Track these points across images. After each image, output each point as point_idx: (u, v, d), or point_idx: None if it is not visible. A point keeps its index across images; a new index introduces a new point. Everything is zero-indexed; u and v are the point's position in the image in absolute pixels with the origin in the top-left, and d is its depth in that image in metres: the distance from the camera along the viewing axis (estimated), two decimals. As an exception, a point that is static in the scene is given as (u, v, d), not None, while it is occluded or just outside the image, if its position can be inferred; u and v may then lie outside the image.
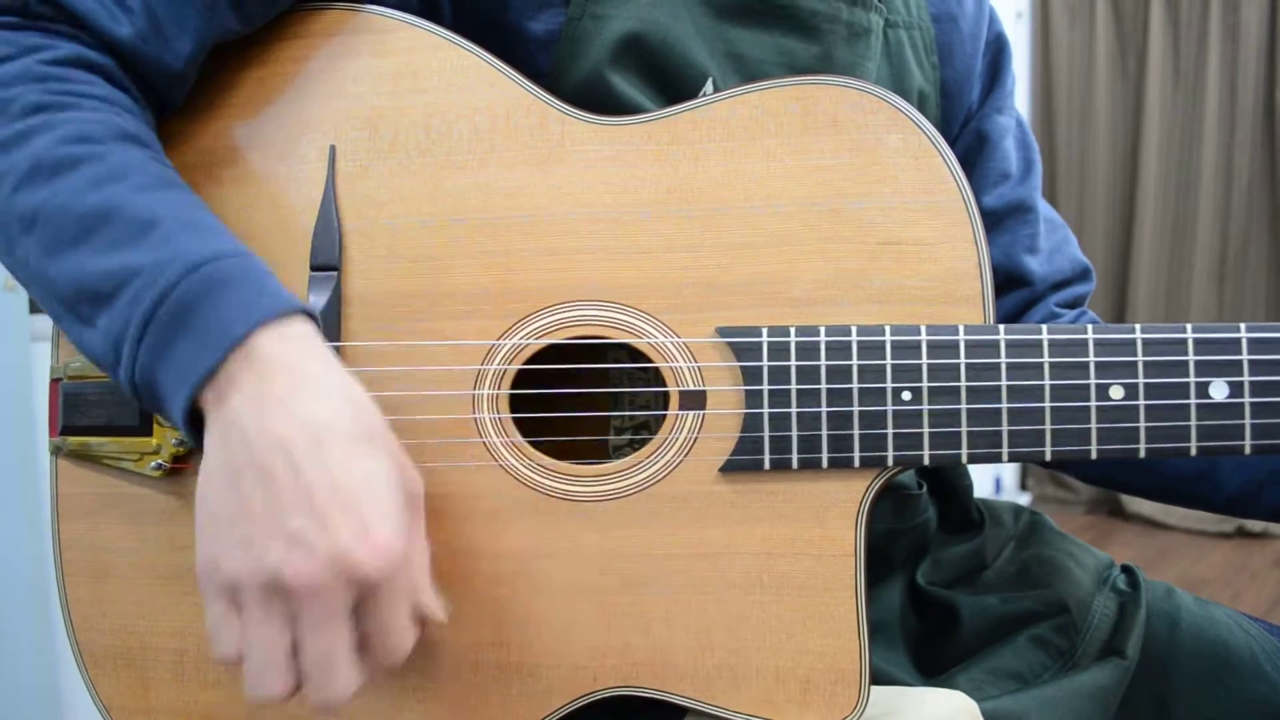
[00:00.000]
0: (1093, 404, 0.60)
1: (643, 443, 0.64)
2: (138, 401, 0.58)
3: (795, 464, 0.62)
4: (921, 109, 0.80)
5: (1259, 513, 0.77)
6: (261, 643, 0.52)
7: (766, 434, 0.62)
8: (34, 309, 1.63)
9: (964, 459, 0.61)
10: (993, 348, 0.61)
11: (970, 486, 0.87)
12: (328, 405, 0.53)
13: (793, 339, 0.62)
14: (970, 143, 0.86)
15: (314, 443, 0.52)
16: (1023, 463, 0.62)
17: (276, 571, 0.51)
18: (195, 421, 0.56)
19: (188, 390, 0.54)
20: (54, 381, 0.69)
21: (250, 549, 0.52)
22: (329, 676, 0.52)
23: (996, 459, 0.61)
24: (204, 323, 0.54)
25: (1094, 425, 0.60)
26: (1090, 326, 0.61)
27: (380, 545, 0.52)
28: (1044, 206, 0.89)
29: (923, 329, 0.61)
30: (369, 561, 0.51)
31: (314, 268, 0.65)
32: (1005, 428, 0.61)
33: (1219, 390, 0.60)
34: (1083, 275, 0.88)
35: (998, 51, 0.88)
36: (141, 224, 0.56)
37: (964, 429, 0.61)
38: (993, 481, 3.88)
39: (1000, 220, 0.86)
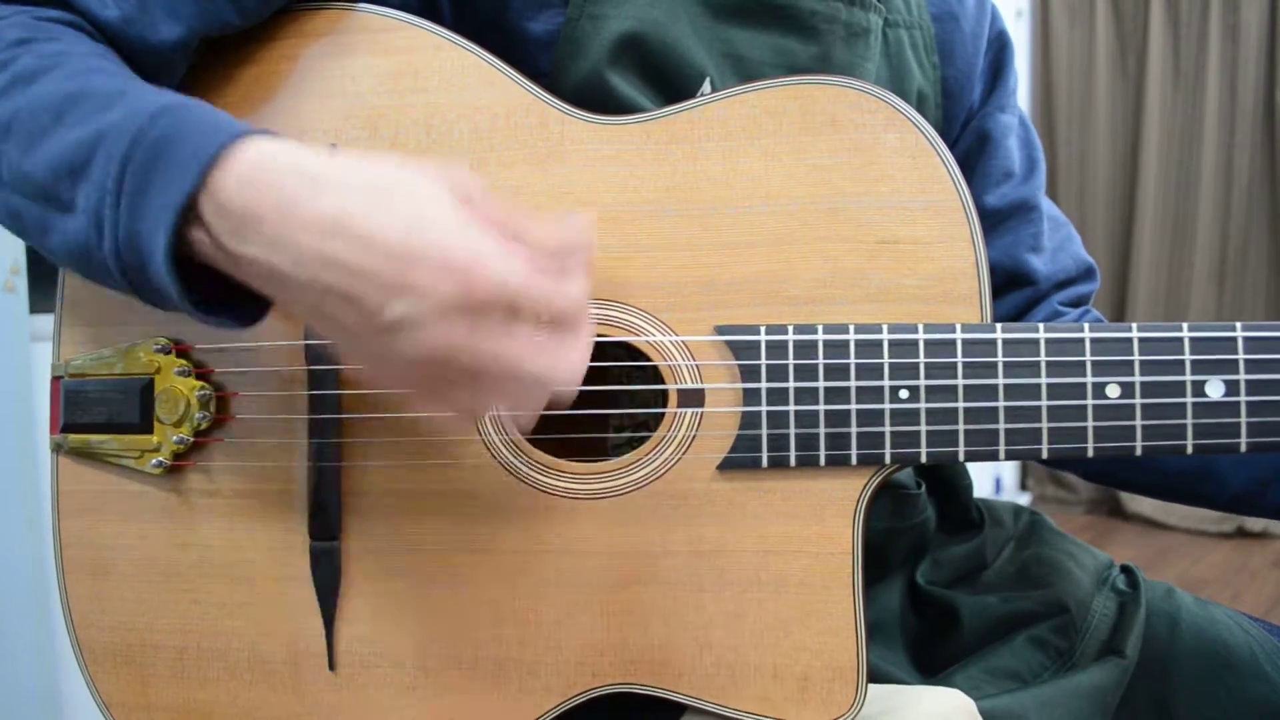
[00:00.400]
0: (1089, 403, 0.60)
1: (641, 441, 0.65)
2: (130, 284, 0.55)
3: (793, 462, 0.62)
4: (921, 109, 0.80)
5: (1263, 510, 0.77)
6: (468, 388, 0.51)
7: (764, 432, 0.62)
8: (34, 309, 1.63)
9: (961, 457, 0.61)
10: (990, 346, 0.61)
11: (970, 486, 0.87)
12: (325, 189, 0.51)
13: (790, 337, 0.62)
14: (972, 142, 0.86)
15: (341, 232, 0.50)
16: (1021, 460, 0.62)
17: (416, 356, 0.50)
18: (188, 278, 0.54)
19: (167, 224, 0.52)
20: (55, 379, 0.70)
21: (381, 356, 0.51)
22: (549, 361, 0.51)
23: (993, 457, 0.61)
24: (174, 156, 0.52)
25: (1090, 424, 0.61)
26: (1087, 325, 0.61)
27: (465, 262, 0.49)
28: (1048, 205, 0.88)
29: (920, 328, 0.61)
30: (471, 284, 0.49)
31: (314, 266, 0.65)
32: (1002, 426, 0.61)
33: (1215, 389, 0.60)
34: (1086, 274, 0.88)
35: (1000, 50, 0.87)
36: (111, 94, 0.56)
37: (961, 427, 0.61)
38: (992, 481, 3.88)
39: (1004, 219, 0.85)
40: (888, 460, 0.62)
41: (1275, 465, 0.75)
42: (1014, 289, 0.86)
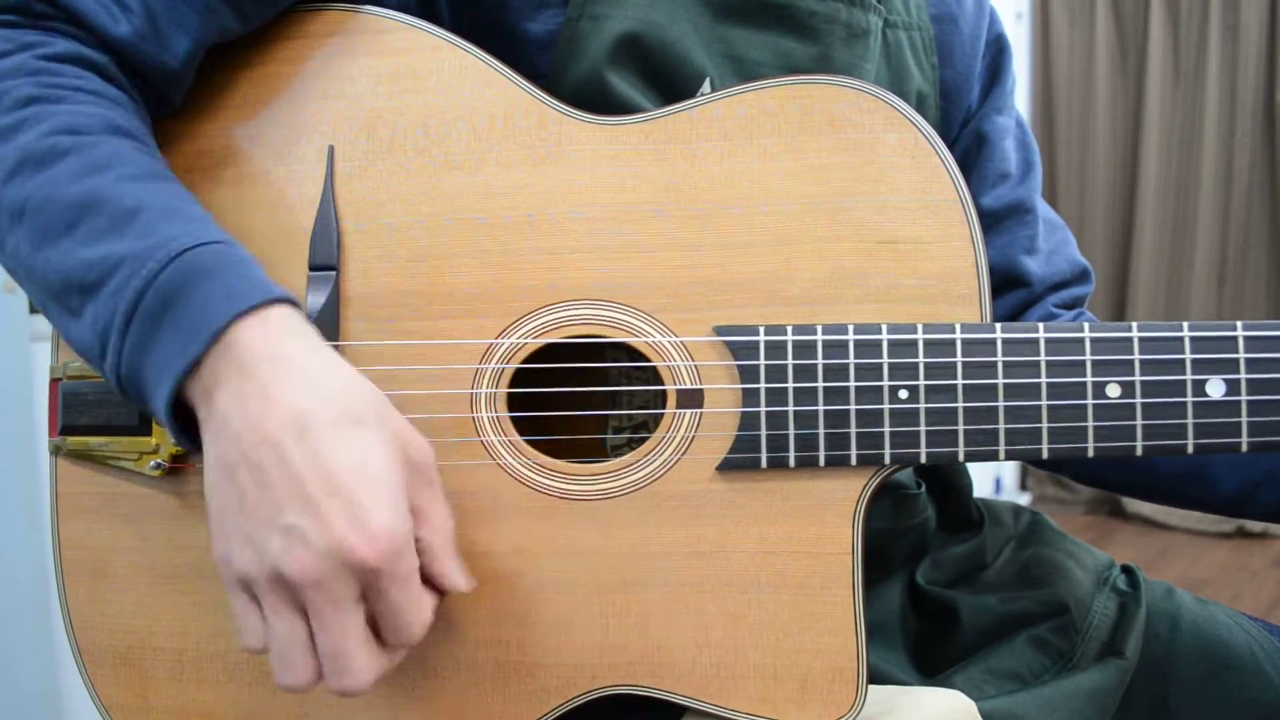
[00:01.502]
0: (1089, 402, 0.60)
1: (641, 442, 0.65)
2: (124, 397, 0.58)
3: (792, 462, 0.62)
4: (920, 110, 0.80)
5: (1255, 513, 0.77)
6: (279, 634, 0.53)
7: (763, 432, 0.62)
8: (34, 309, 1.63)
9: (961, 457, 0.61)
10: (989, 346, 0.61)
11: (970, 486, 0.87)
12: (311, 391, 0.53)
13: (790, 338, 0.62)
14: (969, 143, 0.86)
15: (300, 432, 0.52)
16: (1019, 461, 0.62)
17: (278, 565, 0.51)
18: (181, 418, 0.56)
19: (170, 384, 0.54)
20: (53, 381, 0.70)
21: (252, 545, 0.52)
22: (346, 664, 0.53)
23: (993, 457, 0.61)
24: (185, 313, 0.54)
25: (1091, 423, 0.60)
26: (1087, 325, 0.61)
27: (376, 530, 0.52)
28: (1043, 207, 0.89)
29: (919, 327, 0.61)
30: (365, 548, 0.51)
31: (313, 268, 0.66)
32: (1002, 426, 0.61)
33: (1216, 388, 0.60)
34: (1081, 276, 0.88)
35: (998, 52, 0.88)
36: (126, 213, 0.57)
37: (960, 427, 0.61)
38: (993, 481, 3.88)
39: (999, 221, 0.85)
40: (887, 460, 0.61)
41: (1266, 467, 0.75)
42: (1008, 291, 0.86)
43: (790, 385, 0.62)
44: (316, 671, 0.53)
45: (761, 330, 0.62)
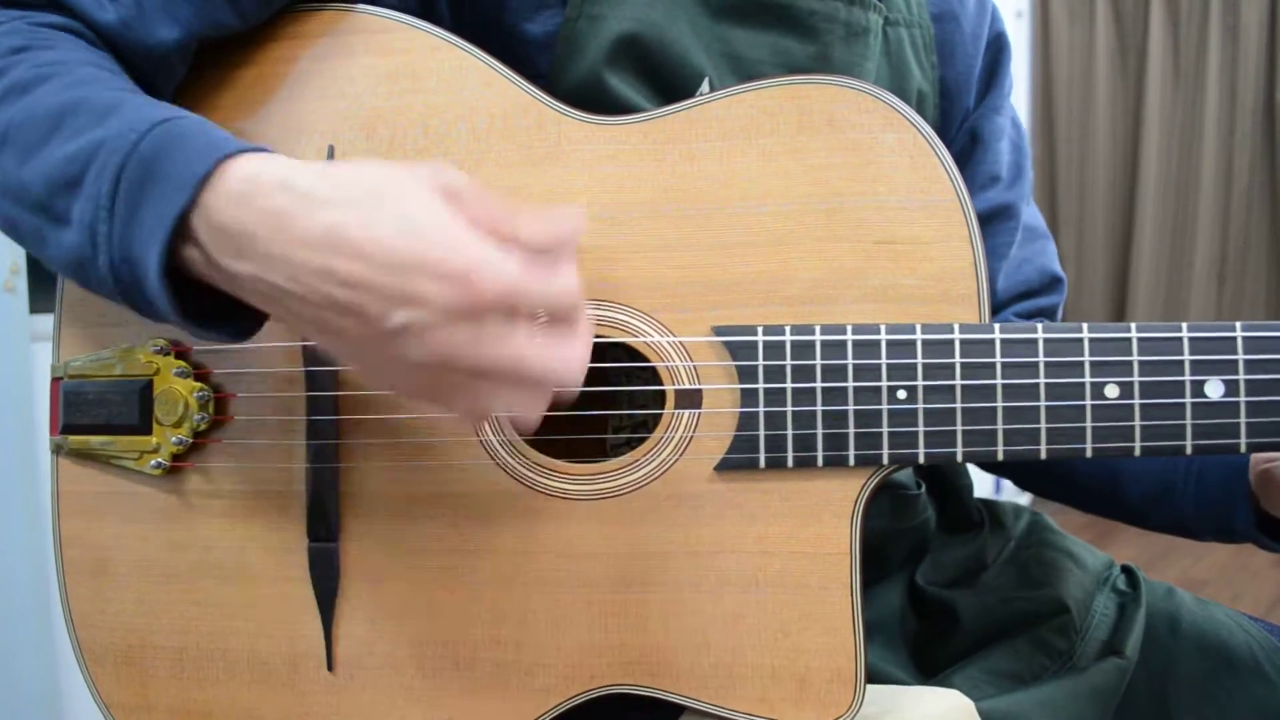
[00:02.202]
0: (1088, 403, 0.60)
1: (640, 441, 0.65)
2: (124, 297, 0.55)
3: (790, 462, 0.62)
4: (920, 109, 0.80)
5: (1157, 525, 0.79)
6: (486, 395, 0.51)
7: (762, 433, 0.62)
8: (34, 309, 1.63)
9: (959, 457, 0.61)
10: (988, 346, 0.61)
11: (969, 486, 0.87)
12: (320, 202, 0.51)
13: (788, 338, 0.62)
14: (965, 143, 0.86)
15: (335, 246, 0.50)
16: (1016, 461, 0.62)
17: (427, 359, 0.50)
18: (183, 294, 0.54)
19: (160, 242, 0.52)
20: (55, 380, 0.70)
21: (391, 364, 0.51)
22: (552, 365, 0.51)
23: (991, 457, 0.61)
24: (169, 172, 0.53)
25: (1089, 424, 0.60)
26: (1086, 325, 0.61)
27: (467, 268, 0.49)
28: (1028, 213, 0.89)
29: (918, 328, 0.61)
30: (477, 290, 0.49)
31: (312, 267, 0.65)
32: (1000, 426, 0.61)
33: (1214, 389, 0.60)
34: (1050, 286, 0.88)
35: (998, 51, 0.87)
36: (104, 106, 0.56)
37: (959, 427, 0.61)
38: (993, 481, 3.88)
39: (983, 224, 0.85)
40: (886, 461, 0.62)
41: (1166, 484, 0.76)
42: None
43: (789, 385, 0.62)
44: (540, 396, 0.52)
45: (760, 330, 0.62)
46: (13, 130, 0.57)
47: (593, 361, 0.71)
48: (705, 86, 0.70)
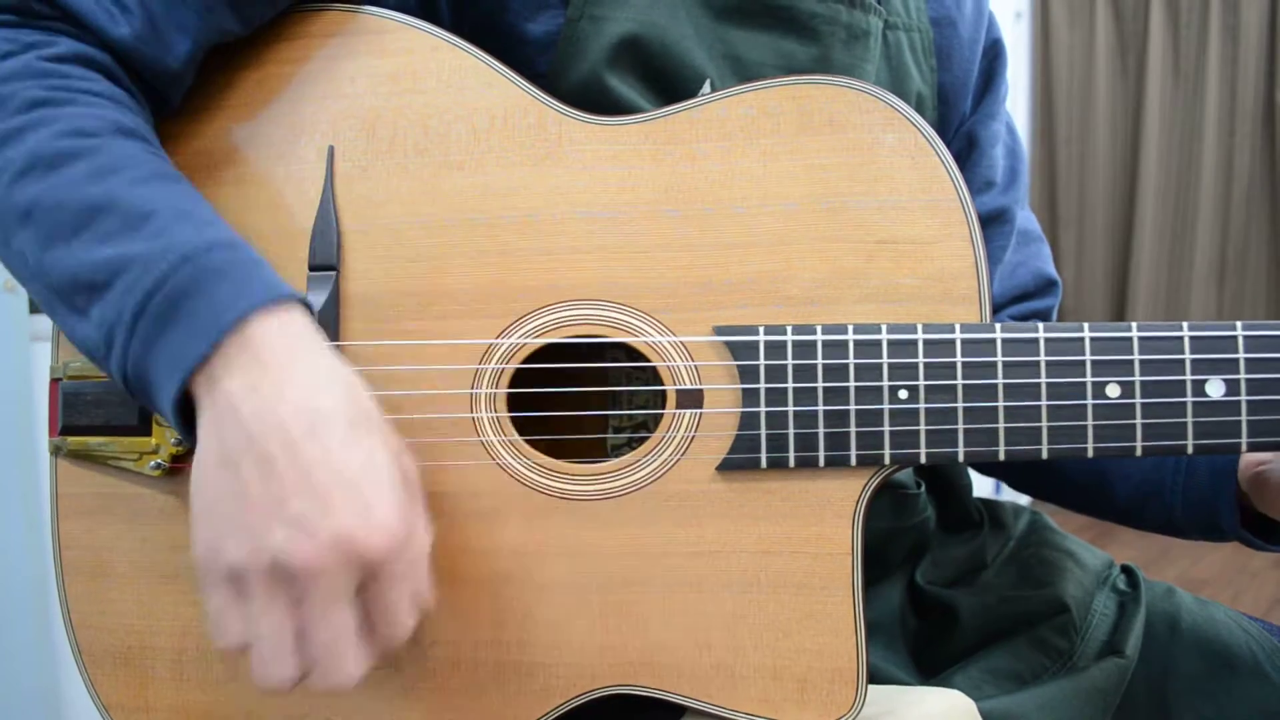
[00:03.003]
0: (1089, 403, 0.60)
1: (641, 442, 0.65)
2: (129, 394, 0.58)
3: (792, 462, 0.62)
4: (918, 112, 0.80)
5: (1145, 525, 0.79)
6: (267, 629, 0.52)
7: (763, 433, 0.62)
8: (34, 309, 1.63)
9: (960, 457, 0.61)
10: (989, 346, 0.61)
11: (969, 485, 0.87)
12: (324, 390, 0.54)
13: (789, 338, 0.62)
14: (961, 147, 0.86)
15: (311, 426, 0.52)
16: (1017, 461, 0.62)
17: (279, 555, 0.51)
18: (186, 415, 0.56)
19: (179, 379, 0.54)
20: (54, 381, 0.70)
21: (251, 534, 0.52)
22: (337, 660, 0.53)
23: (993, 457, 0.61)
24: (196, 311, 0.54)
25: (1090, 423, 0.60)
26: (1087, 325, 0.61)
27: (382, 525, 0.52)
28: (1022, 217, 0.89)
29: (919, 327, 0.61)
30: (372, 541, 0.51)
31: (312, 268, 0.66)
32: (1001, 426, 0.61)
33: (1215, 388, 0.60)
34: (1045, 289, 0.89)
35: (994, 58, 0.88)
36: (137, 215, 0.57)
37: (960, 427, 0.61)
38: (992, 481, 3.88)
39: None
40: (887, 461, 0.61)
41: (1155, 483, 0.76)
42: None
43: (790, 385, 0.62)
44: (301, 668, 0.53)
45: (761, 330, 0.62)
46: (38, 213, 0.58)
47: (594, 361, 0.71)
48: (706, 88, 0.70)
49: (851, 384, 0.61)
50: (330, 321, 0.65)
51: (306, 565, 0.51)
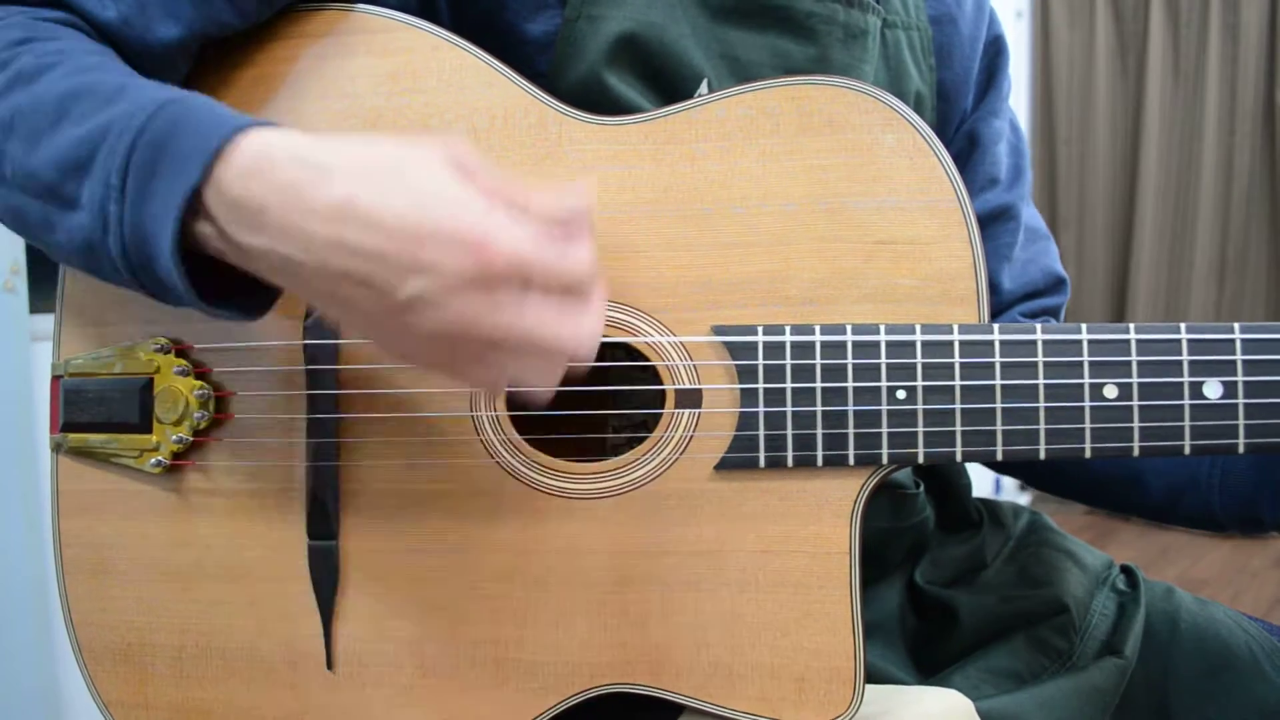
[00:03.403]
0: (1087, 403, 0.61)
1: (640, 441, 0.65)
2: (135, 279, 0.55)
3: (790, 462, 0.62)
4: (918, 111, 0.80)
5: (1179, 520, 0.78)
6: (500, 363, 0.51)
7: (762, 432, 0.62)
8: (34, 309, 1.63)
9: (959, 457, 0.61)
10: (987, 347, 0.61)
11: (969, 485, 0.87)
12: (332, 174, 0.51)
13: (788, 338, 0.62)
14: (963, 145, 0.86)
15: (345, 218, 0.50)
16: (1019, 460, 0.62)
17: (437, 330, 0.50)
18: (196, 272, 0.54)
19: (173, 219, 0.52)
20: (55, 379, 0.70)
21: (402, 334, 0.51)
22: (566, 333, 0.51)
23: (991, 457, 0.61)
24: (177, 151, 0.53)
25: (1088, 424, 0.61)
26: (1084, 326, 0.61)
27: (478, 239, 0.49)
28: (1028, 215, 0.89)
29: (917, 328, 0.61)
30: (487, 260, 0.49)
31: (312, 266, 0.66)
32: (999, 427, 0.61)
33: (1213, 390, 0.60)
34: (1055, 286, 0.89)
35: (995, 55, 0.88)
36: (112, 89, 0.56)
37: (958, 428, 0.61)
38: (992, 481, 3.88)
39: (984, 225, 0.85)
40: (885, 461, 0.62)
41: (1191, 476, 0.75)
42: None
43: (788, 385, 0.62)
44: (554, 366, 0.52)
45: (760, 330, 0.62)
46: (19, 118, 0.57)
47: (593, 360, 0.71)
48: (704, 88, 0.70)
49: (850, 384, 0.61)
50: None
51: (464, 320, 0.49)
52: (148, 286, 0.56)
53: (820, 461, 0.62)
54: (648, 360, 0.64)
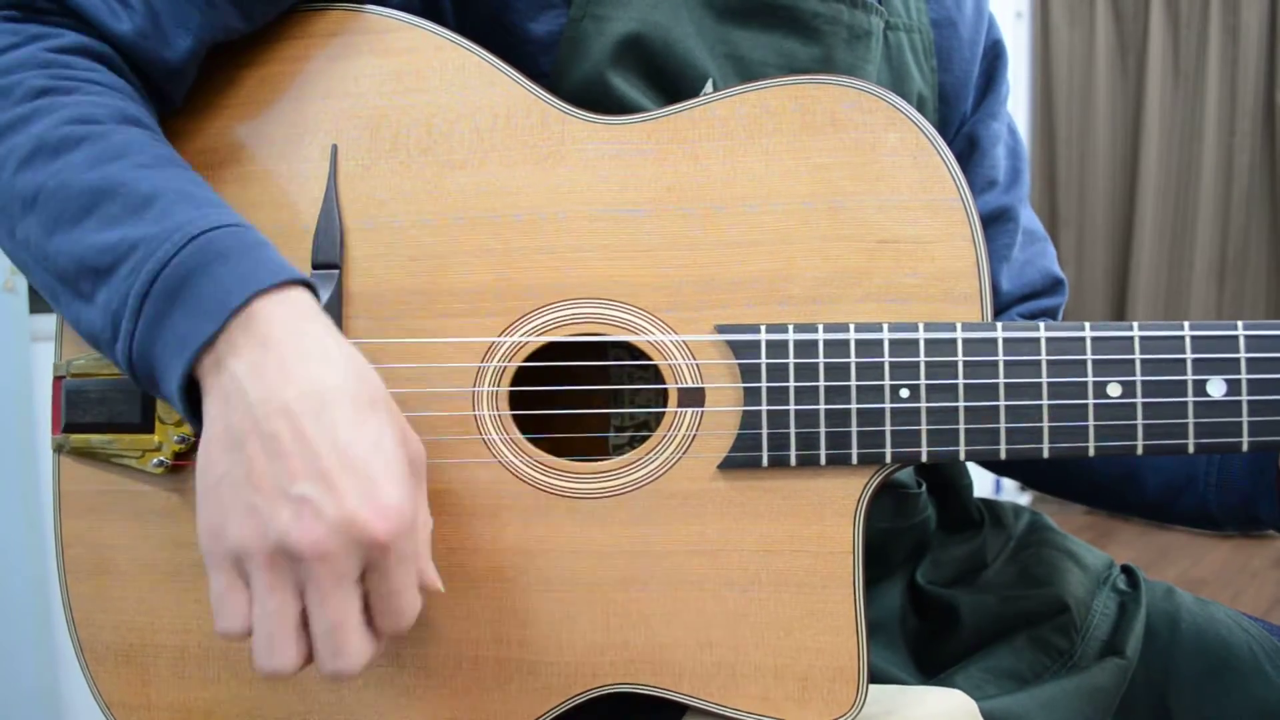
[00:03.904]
0: (1090, 402, 0.61)
1: (643, 440, 0.65)
2: (135, 380, 0.57)
3: (793, 461, 0.62)
4: (919, 112, 0.80)
5: (1176, 518, 0.78)
6: (271, 612, 0.52)
7: (765, 431, 0.62)
8: (34, 309, 1.63)
9: (962, 456, 0.61)
10: (990, 345, 0.61)
11: (970, 485, 0.88)
12: (331, 370, 0.53)
13: (791, 336, 0.62)
14: (962, 147, 0.87)
15: (318, 407, 0.52)
16: (1022, 460, 0.62)
17: (284, 537, 0.51)
18: (192, 400, 0.56)
19: (185, 361, 0.54)
20: (57, 379, 0.70)
21: (256, 515, 0.51)
22: (341, 644, 0.52)
23: (994, 456, 0.61)
24: (202, 293, 0.54)
25: (1091, 423, 0.61)
26: (1088, 324, 0.61)
27: (389, 507, 0.51)
28: (1026, 217, 0.89)
29: (920, 327, 0.61)
30: (378, 524, 0.51)
31: (315, 266, 0.66)
32: (1003, 425, 0.61)
33: (1216, 388, 0.60)
34: (1053, 288, 0.89)
35: (994, 58, 0.88)
36: (142, 199, 0.57)
37: (961, 426, 0.61)
38: (993, 481, 3.88)
39: (983, 227, 0.86)
40: (888, 459, 0.62)
41: (1187, 473, 0.75)
42: None
43: (791, 384, 0.62)
44: (305, 654, 0.53)
45: (763, 329, 0.62)
46: (43, 198, 0.57)
47: (595, 360, 0.71)
48: (709, 87, 0.70)
49: (853, 383, 0.61)
50: (333, 319, 0.65)
51: (312, 548, 0.50)
52: (145, 390, 0.58)
53: (823, 460, 0.62)
54: (650, 359, 0.64)
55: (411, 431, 0.57)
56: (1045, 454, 0.61)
